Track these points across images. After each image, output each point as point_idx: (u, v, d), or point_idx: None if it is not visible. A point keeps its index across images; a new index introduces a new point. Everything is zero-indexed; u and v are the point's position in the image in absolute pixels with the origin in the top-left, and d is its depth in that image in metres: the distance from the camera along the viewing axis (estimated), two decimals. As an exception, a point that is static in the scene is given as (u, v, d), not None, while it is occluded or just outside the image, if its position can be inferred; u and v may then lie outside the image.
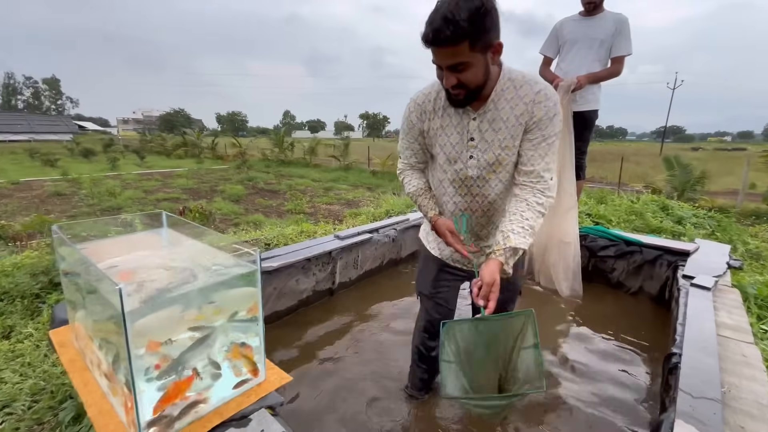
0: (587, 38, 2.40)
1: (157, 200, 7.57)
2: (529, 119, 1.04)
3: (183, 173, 12.74)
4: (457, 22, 0.89)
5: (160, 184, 10.02)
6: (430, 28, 0.93)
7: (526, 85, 1.04)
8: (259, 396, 0.99)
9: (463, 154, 1.12)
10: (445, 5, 0.91)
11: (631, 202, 4.04)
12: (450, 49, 0.93)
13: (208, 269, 1.01)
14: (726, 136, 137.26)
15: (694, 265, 2.01)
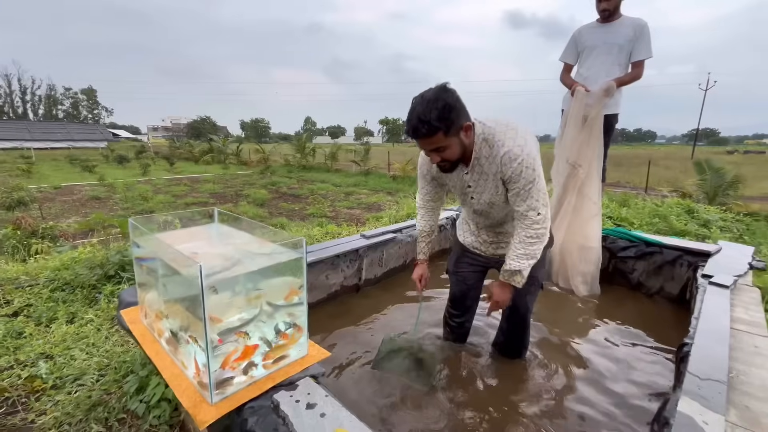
0: (605, 44, 2.47)
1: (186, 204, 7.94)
2: (503, 175, 1.30)
3: (210, 178, 13.29)
4: (430, 122, 1.15)
5: (189, 188, 10.49)
6: (409, 126, 1.21)
7: (496, 145, 1.28)
8: (303, 367, 1.14)
9: (466, 197, 1.47)
10: (418, 107, 1.17)
11: (655, 205, 4.01)
12: (428, 140, 1.20)
13: (259, 256, 1.17)
14: (765, 139, 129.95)
15: (714, 266, 2.03)
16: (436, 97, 1.16)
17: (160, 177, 13.16)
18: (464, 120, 1.22)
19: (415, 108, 1.18)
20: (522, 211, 1.32)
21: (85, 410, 1.49)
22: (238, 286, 1.06)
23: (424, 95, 1.19)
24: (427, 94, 1.19)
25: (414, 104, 1.20)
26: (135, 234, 1.31)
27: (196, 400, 1.00)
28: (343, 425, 0.92)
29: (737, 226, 3.55)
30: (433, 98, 1.16)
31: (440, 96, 1.17)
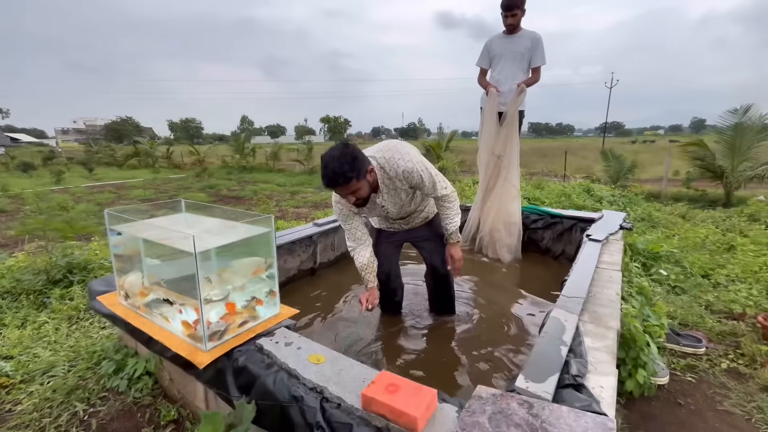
0: (511, 53, 2.97)
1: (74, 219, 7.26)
2: (411, 186, 1.64)
3: (138, 183, 12.36)
4: (345, 174, 1.40)
5: (115, 196, 9.69)
6: (327, 180, 1.43)
7: (393, 168, 1.58)
8: (277, 321, 1.39)
9: (381, 214, 1.80)
10: (331, 163, 1.40)
11: (562, 187, 4.76)
12: (345, 187, 1.45)
13: (234, 231, 1.39)
14: (659, 130, 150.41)
15: (595, 228, 2.61)
16: (343, 153, 1.41)
17: (78, 185, 11.91)
18: (367, 165, 1.49)
19: (328, 164, 1.41)
20: (438, 195, 1.72)
21: (64, 394, 1.59)
22: (218, 264, 1.29)
23: (332, 153, 1.42)
24: (334, 152, 1.43)
25: (326, 161, 1.42)
26: (113, 222, 1.46)
27: (192, 350, 1.22)
28: (315, 352, 1.20)
29: (622, 200, 4.39)
30: (341, 154, 1.40)
31: (345, 151, 1.42)
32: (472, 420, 0.87)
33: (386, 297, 2.07)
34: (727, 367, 1.79)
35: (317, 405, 0.98)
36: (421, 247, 2.02)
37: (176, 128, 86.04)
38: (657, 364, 1.68)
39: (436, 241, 1.95)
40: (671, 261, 2.87)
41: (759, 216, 4.25)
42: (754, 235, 3.54)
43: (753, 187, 7.16)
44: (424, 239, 1.98)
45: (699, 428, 1.46)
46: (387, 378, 0.98)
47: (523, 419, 0.86)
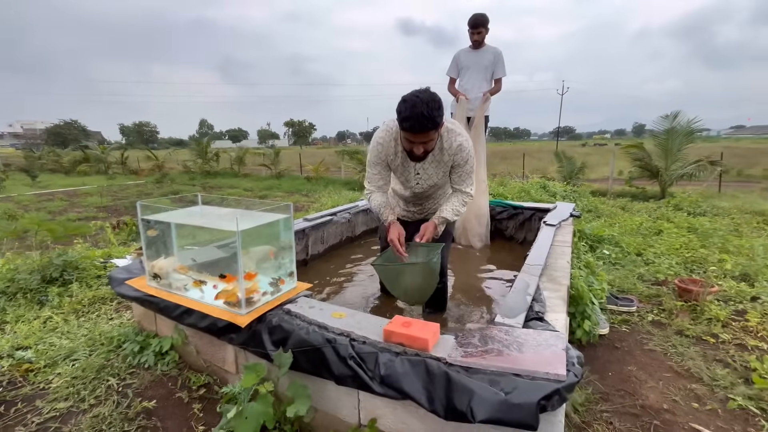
0: (477, 65, 3.39)
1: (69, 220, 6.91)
2: (453, 163, 1.71)
3: (92, 191, 11.74)
4: (433, 119, 1.40)
5: (67, 203, 9.15)
6: (412, 122, 1.40)
7: (450, 139, 1.63)
8: (296, 293, 1.65)
9: (411, 181, 1.81)
10: (419, 104, 1.37)
11: (522, 184, 5.31)
12: (426, 134, 1.47)
13: (256, 218, 1.64)
14: (606, 134, 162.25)
15: (550, 216, 3.07)
16: (432, 98, 1.38)
17: (22, 193, 11.11)
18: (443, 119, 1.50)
19: (415, 106, 1.36)
20: (462, 189, 1.77)
21: (94, 371, 1.74)
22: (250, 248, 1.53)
23: (420, 95, 1.38)
24: (422, 95, 1.39)
25: (413, 103, 1.37)
26: (146, 212, 1.65)
27: (231, 315, 1.45)
28: (336, 311, 1.48)
29: (572, 195, 5.00)
30: (430, 99, 1.38)
31: (434, 96, 1.39)
32: (466, 341, 1.20)
33: None
34: (652, 320, 2.26)
35: (347, 343, 1.26)
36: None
37: (129, 132, 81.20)
38: (599, 318, 2.11)
39: (443, 237, 1.95)
40: (612, 243, 3.40)
41: (682, 206, 5.01)
42: (677, 221, 4.21)
43: (683, 183, 8.18)
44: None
45: (630, 362, 1.88)
46: (401, 319, 1.28)
47: (502, 338, 1.20)
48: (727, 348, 1.95)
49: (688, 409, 1.55)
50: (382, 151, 1.71)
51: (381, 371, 1.16)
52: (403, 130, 1.50)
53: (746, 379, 1.69)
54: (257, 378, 1.33)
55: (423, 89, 1.47)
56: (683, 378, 1.75)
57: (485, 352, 1.12)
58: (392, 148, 1.72)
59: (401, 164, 1.75)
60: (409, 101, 1.42)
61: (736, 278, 2.70)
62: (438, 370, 1.09)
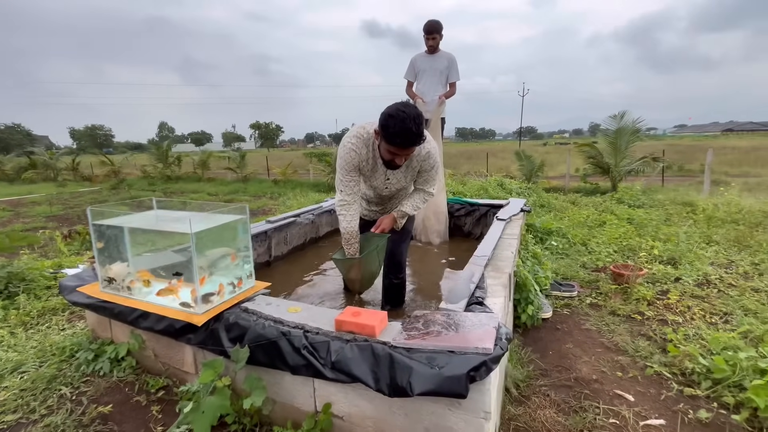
0: (432, 69, 3.55)
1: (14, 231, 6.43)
2: (420, 168, 1.83)
3: (40, 199, 10.98)
4: (421, 134, 1.50)
5: (12, 214, 8.49)
6: (401, 139, 1.48)
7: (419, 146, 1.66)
8: (254, 291, 1.70)
9: (380, 186, 1.88)
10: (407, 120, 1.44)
11: (480, 182, 5.57)
12: (411, 149, 1.57)
13: (212, 220, 1.67)
14: (565, 133, 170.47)
15: (503, 211, 3.27)
16: (417, 113, 1.45)
17: (-41, 204, 10.21)
18: None
19: (404, 120, 1.43)
20: (426, 189, 1.92)
21: (45, 382, 1.71)
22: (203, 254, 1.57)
23: (406, 111, 1.44)
24: (408, 110, 1.45)
25: (401, 118, 1.43)
26: (97, 218, 1.64)
27: (187, 315, 1.48)
28: (292, 306, 1.54)
29: (527, 191, 5.32)
30: (416, 114, 1.44)
31: (418, 112, 1.46)
32: (411, 326, 1.31)
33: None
34: (590, 302, 2.49)
35: (301, 335, 1.33)
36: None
37: (80, 136, 76.14)
38: (543, 303, 2.30)
39: (402, 234, 2.05)
40: (560, 235, 3.66)
41: (623, 199, 5.44)
42: (619, 213, 4.59)
43: (631, 179, 8.82)
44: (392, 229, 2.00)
45: (568, 341, 2.08)
46: (352, 309, 1.37)
47: (444, 321, 1.32)
48: (651, 323, 2.19)
49: (613, 378, 1.75)
50: (356, 158, 1.72)
51: (332, 358, 1.24)
52: (392, 145, 1.54)
53: (663, 349, 1.92)
54: (215, 374, 1.38)
55: (405, 103, 1.53)
56: (612, 351, 1.96)
57: (426, 334, 1.23)
58: (365, 155, 1.74)
59: (372, 169, 1.80)
60: (397, 117, 1.47)
61: (663, 262, 3.01)
62: (383, 352, 1.19)
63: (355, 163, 1.73)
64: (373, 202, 2.05)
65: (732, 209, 4.37)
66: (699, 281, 2.68)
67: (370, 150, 1.76)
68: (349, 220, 1.79)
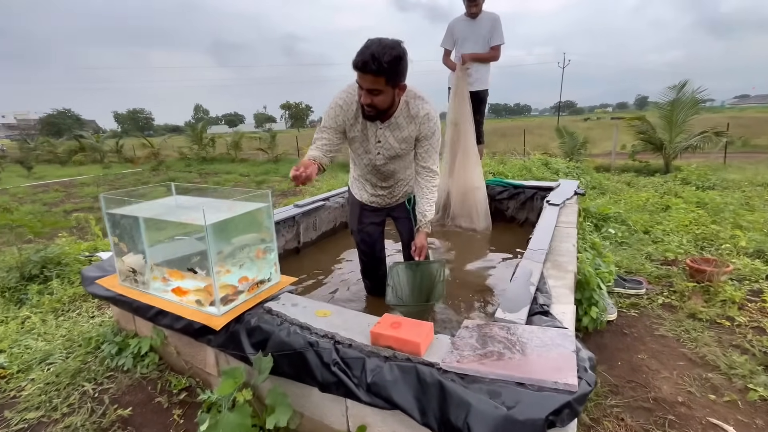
0: (475, 35, 3.15)
1: (66, 212, 6.67)
2: (418, 133, 1.56)
3: (88, 180, 11.57)
4: (381, 62, 1.28)
5: (64, 195, 9.00)
6: (360, 58, 1.31)
7: (416, 107, 1.50)
8: (279, 288, 1.52)
9: (372, 151, 1.63)
10: (374, 45, 1.30)
11: (523, 161, 5.11)
12: (371, 78, 1.33)
13: (233, 207, 1.49)
14: (608, 107, 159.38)
15: (554, 195, 2.90)
16: (393, 46, 1.30)
17: (17, 185, 10.92)
18: (403, 79, 1.39)
19: (370, 46, 1.30)
20: (427, 166, 1.62)
21: (69, 376, 1.64)
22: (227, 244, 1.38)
23: (382, 40, 1.31)
24: (385, 40, 1.31)
25: (370, 43, 1.31)
26: (110, 206, 1.50)
27: (205, 316, 1.32)
28: (321, 309, 1.35)
29: (576, 171, 4.82)
30: (390, 45, 1.29)
31: (396, 47, 1.30)
32: (462, 342, 1.07)
33: (370, 273, 2.06)
34: (662, 303, 2.14)
35: (331, 347, 1.13)
36: (400, 224, 1.96)
37: (123, 120, 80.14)
38: (607, 303, 1.98)
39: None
40: (618, 221, 3.24)
41: (690, 179, 4.82)
42: (686, 196, 4.04)
43: (687, 156, 7.95)
44: (405, 217, 1.92)
45: (640, 350, 1.77)
46: (390, 318, 1.15)
47: (504, 337, 1.07)
48: (744, 332, 1.82)
49: (704, 401, 1.44)
50: (340, 114, 1.54)
51: (368, 378, 1.03)
52: (354, 68, 1.36)
53: (766, 366, 1.57)
54: (235, 384, 1.21)
55: (394, 39, 1.36)
56: (698, 366, 1.63)
57: (484, 356, 0.99)
58: (353, 112, 1.55)
59: (361, 132, 1.59)
60: (369, 41, 1.33)
61: (750, 255, 2.56)
62: (431, 378, 0.96)
63: (339, 120, 1.55)
64: (377, 184, 1.80)
65: (828, 192, 3.73)
66: (798, 279, 2.24)
67: (354, 104, 1.54)
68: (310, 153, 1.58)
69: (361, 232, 1.94)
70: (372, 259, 2.02)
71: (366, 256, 2.02)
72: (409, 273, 1.76)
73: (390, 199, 1.86)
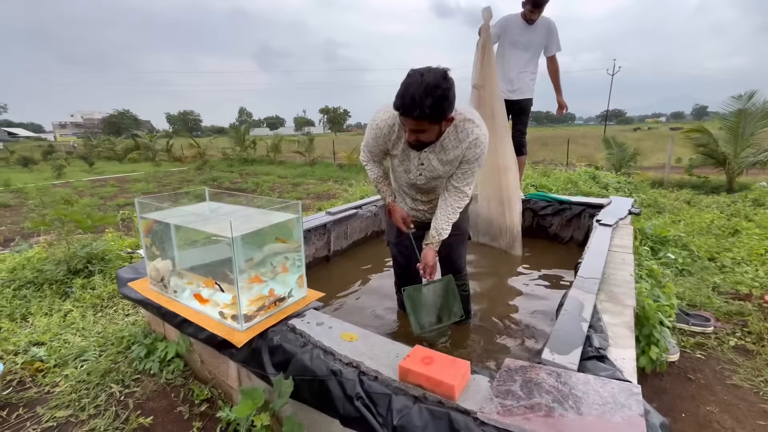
0: (527, 42, 2.91)
1: (119, 206, 7.06)
2: (463, 158, 1.46)
3: (140, 177, 12.37)
4: (423, 108, 1.18)
5: (117, 189, 9.68)
6: (400, 102, 1.22)
7: (465, 131, 1.40)
8: (305, 304, 1.45)
9: (413, 171, 1.56)
10: (414, 86, 1.17)
11: (568, 174, 4.80)
12: (413, 121, 1.26)
13: (263, 218, 1.44)
14: (661, 117, 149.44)
15: (605, 213, 2.66)
16: (436, 85, 1.16)
17: (79, 179, 11.89)
18: (450, 113, 1.27)
19: (410, 86, 1.18)
20: (459, 187, 1.53)
21: (99, 376, 1.66)
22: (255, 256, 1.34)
23: (425, 77, 1.17)
24: (427, 77, 1.18)
25: (411, 81, 1.19)
26: (144, 210, 1.50)
27: (228, 330, 1.27)
28: (346, 331, 1.26)
29: (628, 187, 4.44)
30: (434, 85, 1.16)
31: (440, 84, 1.17)
32: (504, 388, 0.93)
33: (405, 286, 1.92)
34: (735, 345, 1.86)
35: (356, 378, 1.04)
36: None
37: (174, 121, 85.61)
38: (668, 341, 1.74)
39: (456, 237, 1.74)
40: (678, 245, 2.92)
41: (763, 201, 4.30)
42: (759, 219, 3.59)
43: (755, 173, 7.19)
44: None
45: (709, 401, 1.53)
46: (422, 351, 1.04)
47: (553, 386, 0.92)
48: (843, 389, 1.53)
49: (795, 475, 1.20)
50: (380, 136, 1.51)
51: (394, 420, 0.92)
52: (395, 109, 1.28)
53: None
54: (254, 406, 1.15)
55: (436, 68, 1.23)
56: (784, 429, 1.38)
57: (529, 409, 0.85)
58: (394, 134, 1.50)
59: (402, 152, 1.53)
60: (410, 78, 1.21)
61: (843, 294, 2.19)
62: (465, 428, 0.84)
63: (380, 141, 1.53)
64: (417, 198, 1.71)
65: None
66: None
67: (396, 126, 1.47)
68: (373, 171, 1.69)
69: (399, 245, 1.86)
70: (407, 272, 1.93)
71: (401, 269, 1.94)
72: (421, 295, 1.68)
73: (431, 215, 1.74)
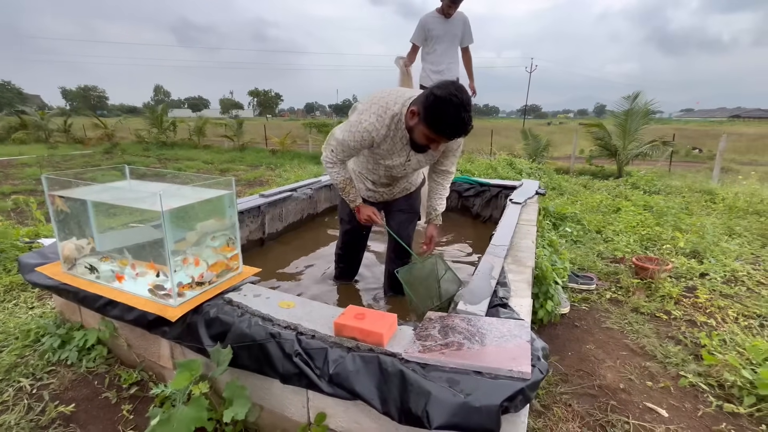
0: (448, 35, 3.16)
1: (4, 194, 5.97)
2: (447, 148, 1.65)
3: (31, 161, 10.59)
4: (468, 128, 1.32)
5: (1, 175, 8.25)
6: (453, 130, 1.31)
7: None
8: (241, 278, 1.47)
9: (398, 167, 1.64)
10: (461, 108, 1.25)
11: (489, 161, 5.28)
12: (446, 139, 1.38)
13: (194, 194, 1.42)
14: (570, 113, 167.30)
15: (516, 194, 3.02)
16: (469, 99, 1.29)
17: (-54, 164, 9.82)
18: None
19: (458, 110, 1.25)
20: (448, 168, 1.75)
21: (2, 372, 1.50)
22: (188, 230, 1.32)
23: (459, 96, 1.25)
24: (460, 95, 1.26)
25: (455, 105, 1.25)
26: (54, 188, 1.38)
27: (160, 307, 1.26)
28: (284, 300, 1.32)
29: (539, 173, 5.05)
30: (468, 100, 1.27)
31: (469, 96, 1.29)
32: (425, 333, 1.09)
33: (349, 257, 2.14)
34: (610, 297, 2.29)
35: (293, 338, 1.12)
36: (392, 217, 1.94)
37: (73, 97, 73.91)
38: (561, 297, 2.09)
39: (409, 215, 1.91)
40: (574, 221, 3.44)
41: (638, 184, 5.19)
42: (634, 199, 4.35)
43: (638, 163, 8.53)
44: (398, 210, 1.92)
45: (588, 341, 1.89)
46: (354, 309, 1.15)
47: (464, 328, 1.10)
48: (679, 324, 2.00)
49: (642, 387, 1.57)
50: (367, 139, 1.49)
51: (330, 369, 1.03)
52: (438, 134, 1.34)
53: (696, 355, 1.73)
54: (191, 377, 1.17)
55: (453, 84, 1.29)
56: (638, 356, 1.77)
57: (445, 346, 1.01)
58: (383, 137, 1.51)
59: (390, 151, 1.57)
60: (450, 104, 1.25)
61: (687, 255, 2.80)
62: (392, 368, 0.97)
63: (366, 143, 1.52)
64: (380, 183, 1.82)
65: (754, 199, 4.14)
66: (726, 278, 2.48)
67: (392, 131, 1.51)
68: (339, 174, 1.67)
69: (352, 221, 1.91)
70: (353, 248, 2.11)
71: (347, 245, 2.09)
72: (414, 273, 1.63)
73: (388, 196, 1.89)
